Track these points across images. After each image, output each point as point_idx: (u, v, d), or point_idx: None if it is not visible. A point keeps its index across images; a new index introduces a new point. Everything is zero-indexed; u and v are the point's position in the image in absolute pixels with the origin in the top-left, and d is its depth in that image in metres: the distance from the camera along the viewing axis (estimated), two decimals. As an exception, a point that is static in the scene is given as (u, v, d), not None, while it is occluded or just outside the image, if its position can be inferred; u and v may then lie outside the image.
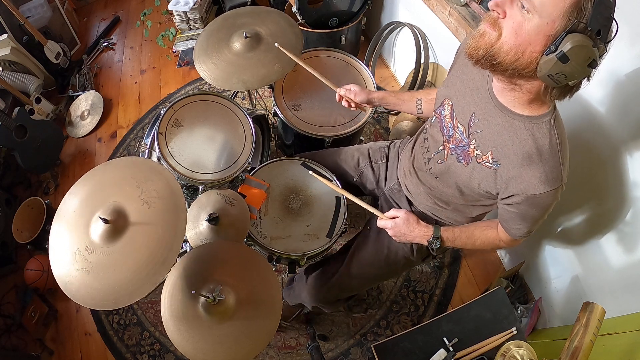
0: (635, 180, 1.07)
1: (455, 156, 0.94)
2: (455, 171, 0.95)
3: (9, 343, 1.72)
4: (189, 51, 2.63)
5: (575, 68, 0.64)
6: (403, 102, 1.24)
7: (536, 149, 0.78)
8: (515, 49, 0.68)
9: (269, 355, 1.64)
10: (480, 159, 0.87)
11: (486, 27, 0.70)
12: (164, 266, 0.85)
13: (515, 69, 0.70)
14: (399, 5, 2.07)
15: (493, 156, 0.84)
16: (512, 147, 0.80)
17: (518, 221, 0.90)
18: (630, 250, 1.14)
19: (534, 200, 0.81)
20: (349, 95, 1.24)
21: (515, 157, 0.80)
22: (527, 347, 0.92)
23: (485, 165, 0.86)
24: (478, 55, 0.72)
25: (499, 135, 0.82)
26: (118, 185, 0.94)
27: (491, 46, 0.70)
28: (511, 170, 0.81)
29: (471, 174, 0.90)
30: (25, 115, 2.01)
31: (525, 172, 0.79)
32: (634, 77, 0.99)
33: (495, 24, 0.69)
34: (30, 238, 1.87)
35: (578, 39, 0.62)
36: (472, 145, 0.88)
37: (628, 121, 1.04)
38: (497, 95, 0.82)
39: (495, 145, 0.83)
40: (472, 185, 0.92)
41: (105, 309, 0.86)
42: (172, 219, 0.89)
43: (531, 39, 0.66)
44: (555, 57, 0.64)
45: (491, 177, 0.86)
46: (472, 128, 0.88)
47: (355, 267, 1.19)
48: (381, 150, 1.30)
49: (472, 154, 0.88)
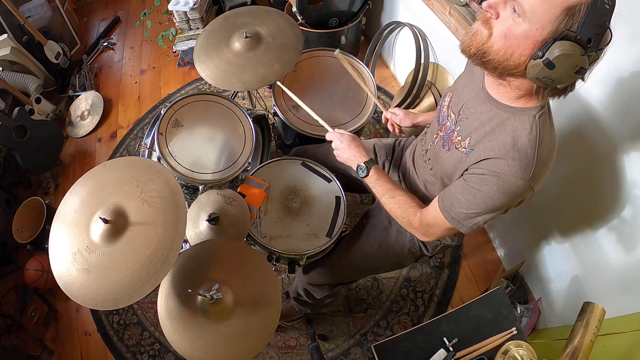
0: (634, 179, 1.07)
1: (441, 143, 0.95)
2: (440, 158, 0.95)
3: (9, 343, 1.72)
4: (189, 51, 2.63)
5: (561, 74, 0.64)
6: None
7: (512, 138, 0.76)
8: (504, 50, 0.69)
9: (269, 355, 1.64)
10: (459, 145, 0.87)
11: (479, 25, 0.72)
12: (165, 266, 0.85)
13: (505, 68, 0.71)
14: (399, 5, 2.07)
15: (470, 142, 0.84)
16: (491, 134, 0.80)
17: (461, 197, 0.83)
18: (630, 250, 1.14)
19: (492, 179, 0.77)
20: (395, 120, 1.26)
21: (490, 144, 0.79)
22: (527, 347, 0.92)
23: (460, 150, 0.86)
24: (470, 52, 0.74)
25: (479, 122, 0.83)
26: (118, 185, 0.94)
27: (482, 44, 0.71)
28: (481, 154, 0.80)
29: (449, 161, 0.91)
30: (25, 115, 2.01)
31: (495, 155, 0.77)
32: (634, 77, 0.99)
33: (487, 23, 0.70)
34: (30, 238, 1.87)
35: (565, 48, 0.62)
36: (456, 131, 0.89)
37: (628, 121, 1.04)
38: (487, 88, 0.83)
39: (475, 131, 0.83)
40: (449, 174, 0.92)
41: (105, 309, 0.85)
42: (173, 218, 0.89)
43: (520, 42, 0.66)
44: (541, 63, 0.64)
45: (462, 161, 0.85)
46: (460, 116, 0.89)
47: (345, 257, 1.21)
48: (386, 147, 1.31)
49: (454, 140, 0.89)
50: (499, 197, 0.78)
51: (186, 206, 0.96)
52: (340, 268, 1.23)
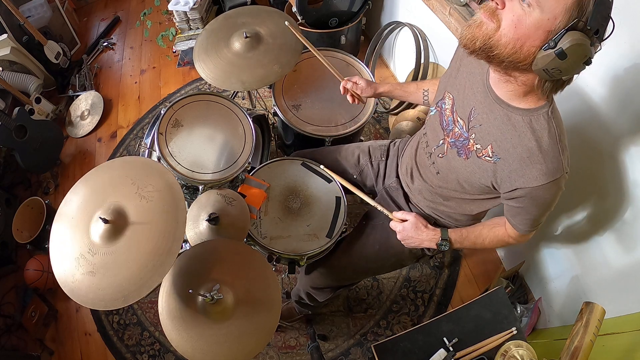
0: (635, 179, 1.07)
1: (455, 150, 0.94)
2: (455, 166, 0.95)
3: (9, 343, 1.72)
4: (189, 51, 2.63)
5: (571, 65, 0.64)
6: (409, 94, 1.24)
7: (535, 141, 0.78)
8: (513, 42, 0.67)
9: (269, 355, 1.64)
10: (480, 153, 0.87)
11: (484, 17, 0.69)
12: (170, 256, 0.85)
13: (512, 62, 0.69)
14: (399, 5, 2.07)
15: (493, 150, 0.84)
16: (512, 140, 0.80)
17: (524, 215, 0.89)
18: (630, 250, 1.14)
19: (537, 192, 0.81)
20: (356, 90, 1.21)
21: (514, 150, 0.80)
22: (527, 347, 0.92)
23: (485, 159, 0.86)
24: (475, 47, 0.70)
25: (498, 129, 0.82)
26: (113, 185, 0.94)
27: (489, 37, 0.68)
28: (511, 163, 0.81)
29: (472, 169, 0.90)
30: (25, 115, 2.01)
31: (526, 164, 0.79)
32: (635, 74, 0.99)
33: (494, 14, 0.68)
34: (30, 238, 1.87)
35: (578, 37, 0.62)
36: (472, 139, 0.88)
37: (628, 119, 1.04)
38: (493, 88, 0.83)
39: (495, 139, 0.83)
40: (472, 180, 0.92)
41: (116, 307, 0.85)
42: (172, 209, 0.90)
43: (531, 33, 0.66)
44: (553, 53, 0.64)
45: (491, 171, 0.86)
46: (471, 122, 0.88)
47: (345, 258, 1.21)
48: (381, 148, 1.30)
49: (472, 148, 0.89)
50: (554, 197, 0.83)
51: (184, 195, 0.96)
52: (341, 269, 1.23)
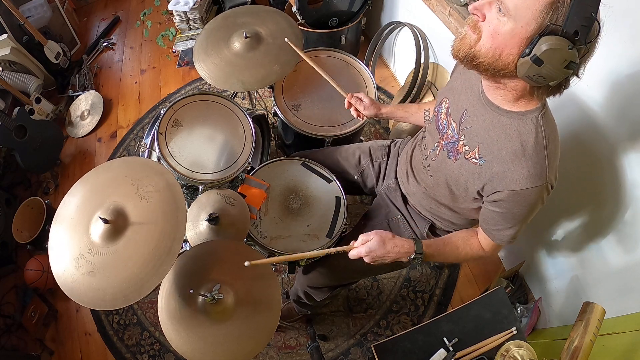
0: (634, 180, 1.07)
1: (445, 152, 0.94)
2: (445, 167, 0.95)
3: (9, 343, 1.72)
4: (189, 51, 2.63)
5: (551, 70, 0.64)
6: (411, 114, 1.25)
7: (520, 144, 0.77)
8: (492, 51, 0.69)
9: (269, 355, 1.64)
10: (468, 155, 0.87)
11: (468, 30, 0.72)
12: (170, 256, 0.85)
13: (495, 69, 0.71)
14: (399, 5, 2.07)
15: (480, 152, 0.84)
16: (498, 142, 0.81)
17: (500, 222, 0.88)
18: (630, 250, 1.14)
19: (517, 197, 0.80)
20: (359, 106, 1.24)
21: (499, 152, 0.80)
22: (527, 347, 0.92)
23: (472, 161, 0.86)
24: (459, 56, 0.74)
25: (486, 131, 0.83)
26: (114, 186, 0.94)
27: (470, 48, 0.72)
28: (495, 166, 0.81)
29: (459, 171, 0.90)
30: (25, 115, 2.01)
31: (509, 167, 0.79)
32: (633, 78, 0.98)
33: (476, 27, 0.71)
34: (30, 238, 1.87)
35: (551, 42, 0.62)
36: (461, 141, 0.89)
37: (627, 122, 1.04)
38: (486, 93, 0.83)
39: (483, 141, 0.84)
40: (459, 183, 0.92)
41: (116, 307, 0.85)
42: (172, 209, 0.90)
43: (507, 42, 0.67)
44: (529, 60, 0.64)
45: (476, 173, 0.86)
46: (462, 124, 0.89)
47: (345, 258, 1.20)
48: (382, 148, 1.31)
49: (461, 150, 0.89)
50: (533, 206, 0.82)
51: (183, 195, 0.96)
52: (340, 269, 1.22)
